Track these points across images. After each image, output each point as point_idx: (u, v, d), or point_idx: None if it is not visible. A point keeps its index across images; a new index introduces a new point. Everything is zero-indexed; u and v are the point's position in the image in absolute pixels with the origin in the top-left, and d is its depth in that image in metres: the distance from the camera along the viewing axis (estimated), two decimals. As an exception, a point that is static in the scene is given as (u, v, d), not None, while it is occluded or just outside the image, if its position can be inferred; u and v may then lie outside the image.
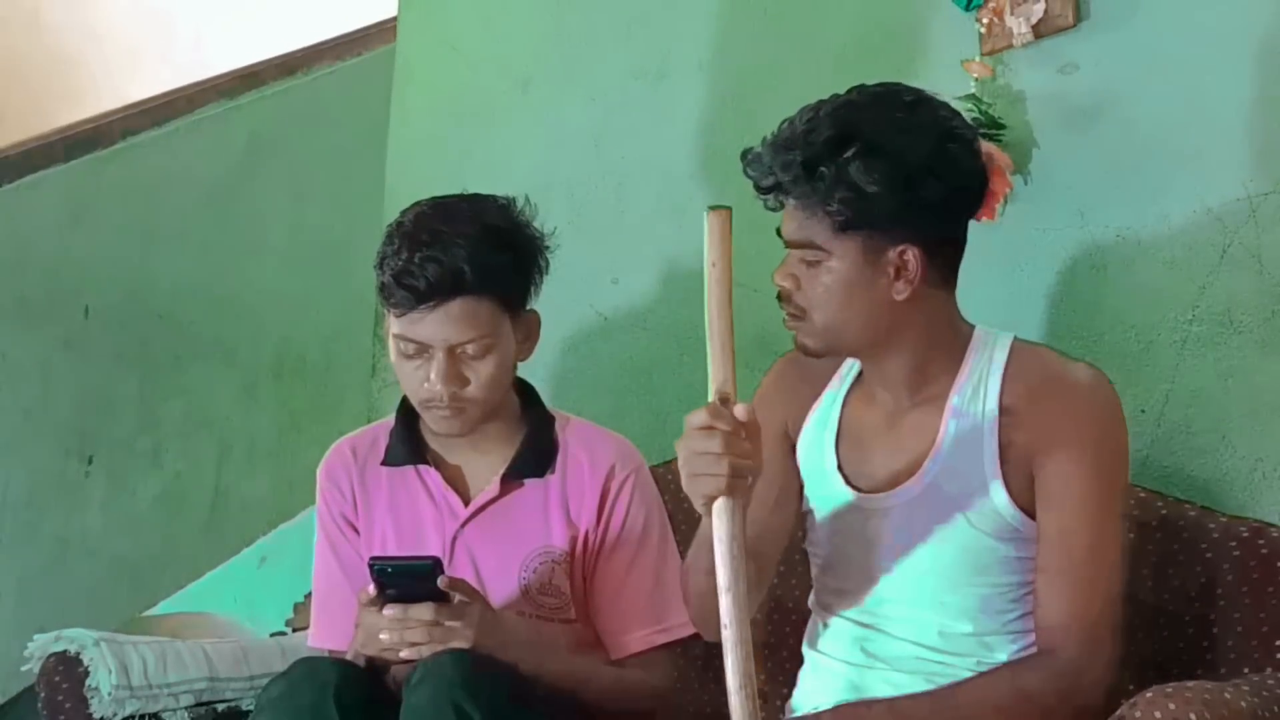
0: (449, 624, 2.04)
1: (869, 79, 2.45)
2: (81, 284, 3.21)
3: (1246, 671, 2.06)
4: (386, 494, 2.31)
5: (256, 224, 3.56)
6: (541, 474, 2.28)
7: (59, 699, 2.31)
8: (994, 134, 2.42)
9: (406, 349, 2.17)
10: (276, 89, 3.62)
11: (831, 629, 2.07)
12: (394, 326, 2.17)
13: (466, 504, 2.28)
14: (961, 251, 2.02)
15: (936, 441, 1.98)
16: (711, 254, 1.73)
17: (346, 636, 2.20)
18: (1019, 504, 1.95)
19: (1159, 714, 1.70)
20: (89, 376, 3.23)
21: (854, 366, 2.10)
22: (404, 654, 2.06)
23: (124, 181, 3.31)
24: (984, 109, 2.44)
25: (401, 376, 2.22)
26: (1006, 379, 1.97)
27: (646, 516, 2.28)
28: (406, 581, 2.05)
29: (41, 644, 2.35)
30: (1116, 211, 2.38)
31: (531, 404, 2.33)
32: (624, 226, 2.96)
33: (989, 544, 1.96)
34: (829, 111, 1.95)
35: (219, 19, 5.10)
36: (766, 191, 1.98)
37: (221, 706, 2.43)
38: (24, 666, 2.37)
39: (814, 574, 2.15)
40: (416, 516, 2.29)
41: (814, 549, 2.13)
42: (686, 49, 2.88)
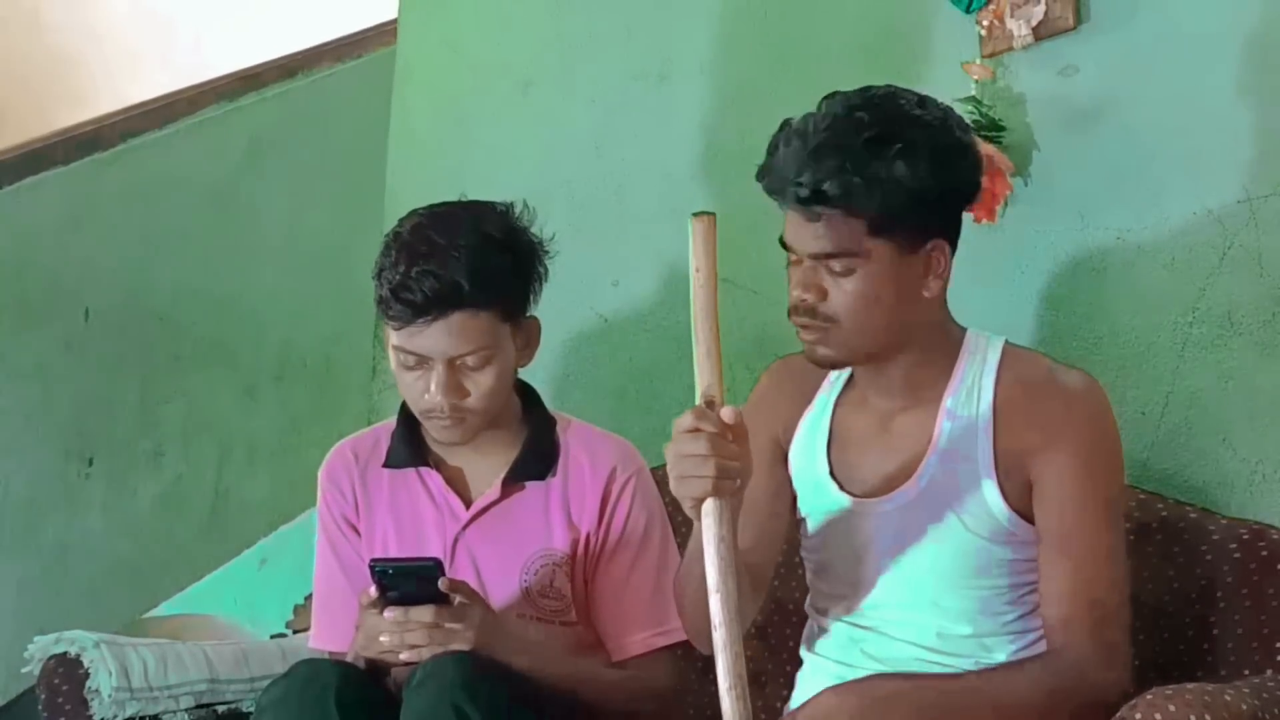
0: (450, 626, 2.04)
1: (870, 81, 2.45)
2: (82, 286, 3.20)
3: (1247, 673, 2.06)
4: (388, 496, 2.31)
5: (257, 226, 3.55)
6: (543, 476, 2.28)
7: (59, 701, 2.30)
8: (994, 136, 2.43)
9: (406, 360, 2.17)
10: (277, 91, 3.61)
11: (829, 632, 2.07)
12: (393, 338, 2.17)
13: (468, 506, 2.28)
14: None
15: (931, 445, 1.98)
16: (696, 259, 1.74)
17: (347, 638, 2.20)
18: (1013, 506, 1.95)
19: (1159, 716, 1.70)
20: (89, 378, 3.22)
21: (842, 375, 2.08)
22: (404, 656, 2.06)
23: (124, 184, 3.30)
24: (984, 111, 2.44)
25: (402, 386, 2.21)
26: (1000, 383, 1.98)
27: (648, 519, 2.28)
28: (407, 583, 2.05)
29: (42, 646, 2.35)
30: (1116, 214, 2.38)
31: (533, 406, 2.33)
32: (624, 229, 2.96)
33: (984, 546, 1.96)
34: (857, 113, 1.91)
35: (219, 21, 5.09)
36: (804, 203, 1.90)
37: (222, 708, 2.43)
38: (24, 668, 2.36)
39: (809, 579, 2.15)
40: (418, 518, 2.29)
41: (808, 554, 2.13)
42: (687, 51, 2.88)
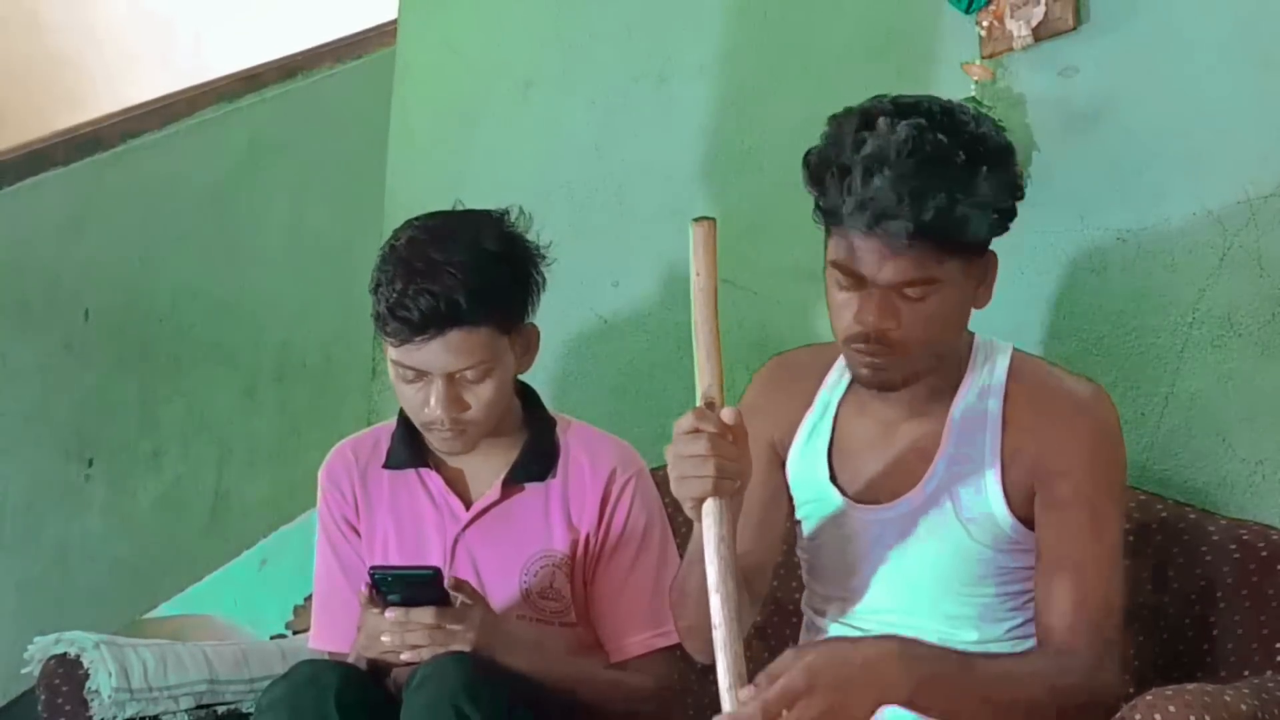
0: (451, 627, 2.04)
1: (870, 82, 2.45)
2: (82, 287, 3.20)
3: (1246, 674, 2.06)
4: (388, 496, 2.31)
5: (257, 227, 3.55)
6: (543, 478, 2.28)
7: (59, 701, 2.30)
8: (994, 137, 2.42)
9: (405, 374, 2.17)
10: (276, 91, 3.60)
11: (827, 633, 2.07)
12: (391, 353, 2.16)
13: (468, 507, 2.28)
14: None
15: (937, 453, 1.98)
16: (696, 264, 1.76)
17: (347, 638, 2.20)
18: (1018, 515, 1.95)
19: (1159, 716, 1.70)
20: (89, 379, 3.22)
21: (844, 374, 2.06)
22: (405, 656, 2.06)
23: (124, 185, 3.30)
24: (984, 112, 2.44)
25: (401, 399, 2.21)
26: (1008, 393, 1.97)
27: (647, 520, 2.28)
28: (407, 591, 2.05)
29: (42, 646, 2.35)
30: (1116, 214, 2.38)
31: (533, 408, 2.33)
32: (625, 229, 2.96)
33: (989, 555, 1.96)
34: (933, 135, 1.84)
35: (219, 22, 5.09)
36: (897, 234, 1.82)
37: (222, 709, 2.43)
38: (24, 669, 2.36)
39: (805, 577, 2.15)
40: (418, 519, 2.29)
41: (806, 555, 2.13)
42: (687, 52, 2.88)
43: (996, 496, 1.95)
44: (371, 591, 2.07)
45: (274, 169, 3.59)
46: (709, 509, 1.76)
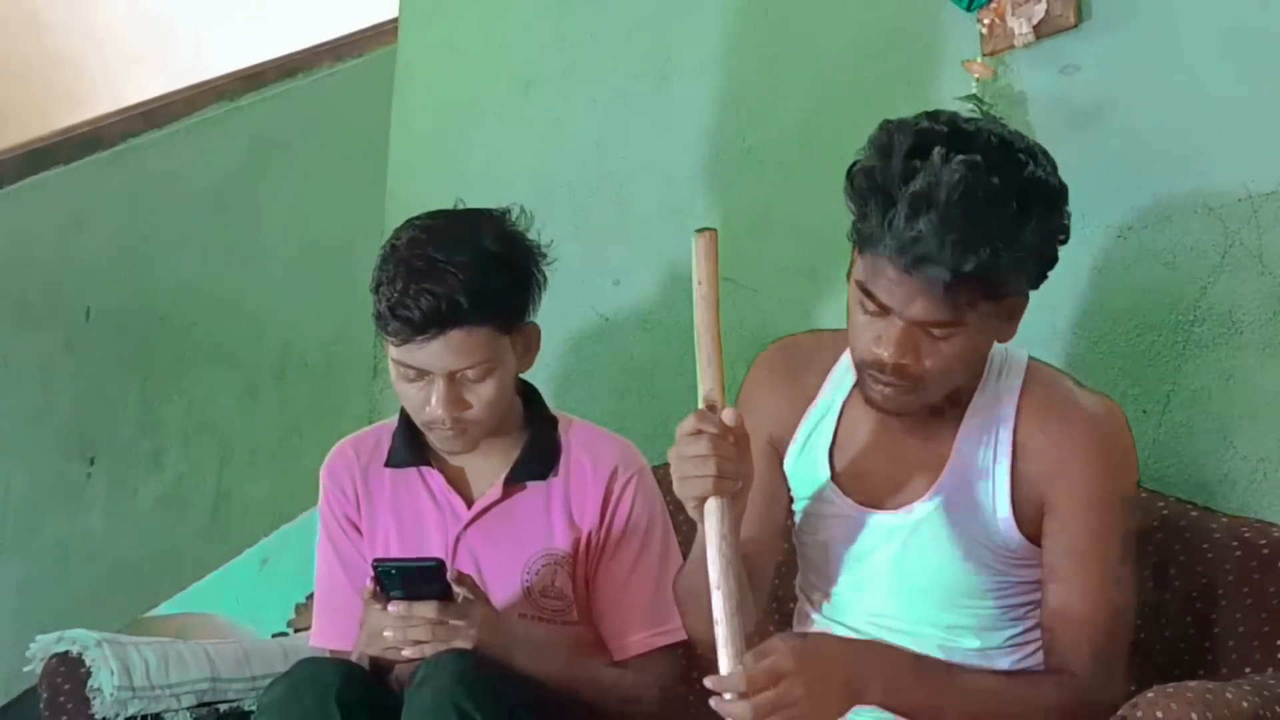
0: (453, 623, 2.04)
1: (871, 80, 2.46)
2: (82, 287, 3.20)
3: (1248, 671, 2.06)
4: (389, 495, 2.31)
5: (258, 226, 3.55)
6: (544, 476, 2.28)
7: (61, 699, 2.30)
8: (995, 135, 2.43)
9: (406, 374, 2.17)
10: (277, 90, 3.61)
11: (821, 629, 2.06)
12: (392, 352, 2.16)
13: (469, 506, 2.28)
14: None
15: (947, 464, 1.95)
16: (699, 273, 1.79)
17: (348, 636, 2.20)
18: (1025, 532, 1.93)
19: (1160, 714, 1.70)
20: (90, 379, 3.22)
21: (849, 375, 2.02)
22: (407, 652, 2.06)
23: (125, 184, 3.30)
24: (985, 109, 2.44)
25: (403, 398, 2.21)
26: (1021, 409, 1.94)
27: (649, 518, 2.28)
28: (410, 584, 2.05)
29: (43, 645, 2.35)
30: (1117, 212, 2.38)
31: (535, 406, 2.33)
32: (625, 228, 2.96)
33: (993, 568, 1.95)
34: (987, 177, 1.77)
35: (219, 23, 5.09)
36: (932, 281, 1.78)
37: (223, 707, 2.43)
38: (26, 667, 2.36)
39: (800, 565, 2.13)
40: (419, 518, 2.29)
41: (800, 546, 2.11)
42: (688, 51, 2.88)
43: (1005, 514, 1.93)
44: (374, 587, 2.07)
45: (275, 168, 3.59)
46: (710, 508, 1.78)
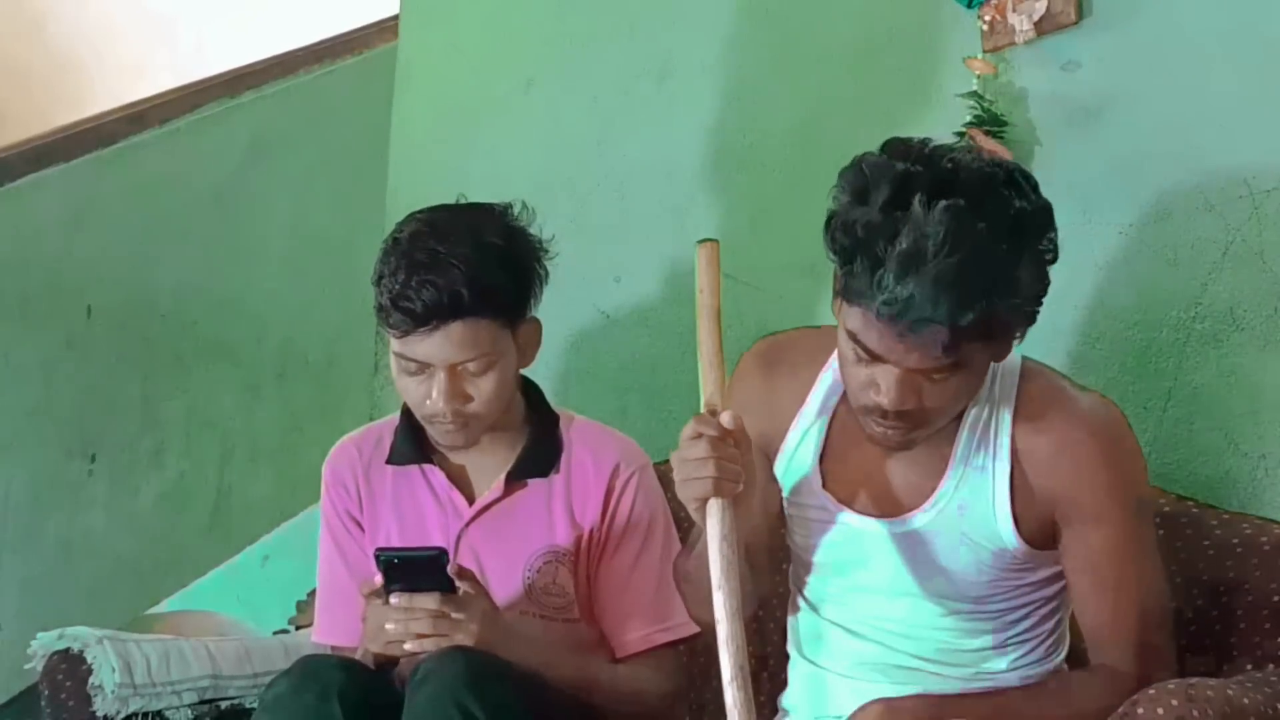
0: (454, 615, 2.04)
1: (872, 78, 2.46)
2: (84, 284, 3.21)
3: (1249, 668, 2.06)
4: (391, 492, 2.31)
5: (258, 223, 3.56)
6: (545, 474, 2.28)
7: (62, 697, 2.30)
8: (996, 131, 2.43)
9: (407, 367, 2.17)
10: (278, 88, 3.61)
11: (825, 639, 2.05)
12: (393, 345, 2.16)
13: (471, 503, 2.28)
14: None
15: (945, 474, 1.94)
16: (701, 282, 1.85)
17: (350, 633, 2.20)
18: (1025, 537, 1.92)
19: (1161, 710, 1.71)
20: (91, 376, 3.23)
21: (838, 379, 1.98)
22: (409, 646, 2.06)
23: (126, 181, 3.31)
24: (986, 106, 2.44)
25: (404, 392, 2.21)
26: (1018, 413, 1.93)
27: (650, 515, 2.28)
28: (412, 573, 2.05)
29: (44, 642, 2.35)
30: (1118, 209, 2.38)
31: (536, 403, 2.33)
32: (626, 226, 2.96)
33: (992, 574, 1.95)
34: (972, 224, 1.73)
35: (220, 24, 5.09)
36: (929, 340, 1.76)
37: (225, 704, 2.43)
38: (27, 665, 2.36)
39: (793, 568, 2.12)
40: (421, 515, 2.29)
41: (797, 551, 2.10)
42: (689, 49, 2.88)
43: (1005, 521, 1.92)
44: (382, 575, 2.06)
45: (275, 166, 3.60)
46: (712, 508, 1.81)
